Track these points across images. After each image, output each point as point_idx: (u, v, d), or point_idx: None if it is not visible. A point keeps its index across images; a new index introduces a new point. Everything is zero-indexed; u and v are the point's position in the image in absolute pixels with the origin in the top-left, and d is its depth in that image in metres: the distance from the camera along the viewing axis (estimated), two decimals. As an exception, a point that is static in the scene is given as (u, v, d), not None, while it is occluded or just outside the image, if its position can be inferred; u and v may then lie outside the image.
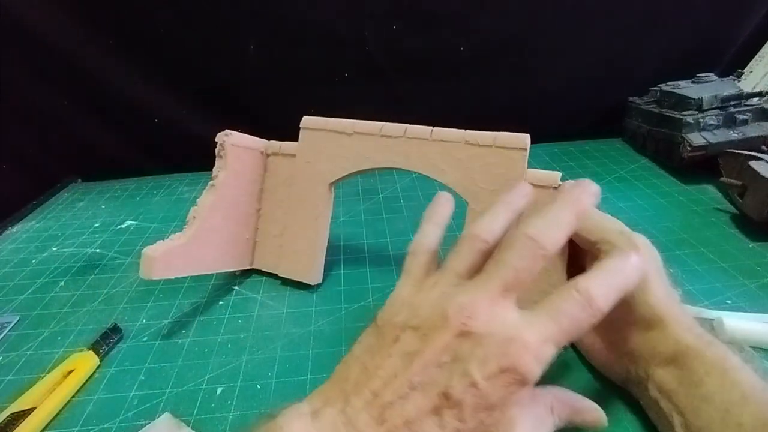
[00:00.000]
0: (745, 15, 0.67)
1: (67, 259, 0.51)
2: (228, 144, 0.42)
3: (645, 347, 0.28)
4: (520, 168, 0.35)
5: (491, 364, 0.21)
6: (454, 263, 0.26)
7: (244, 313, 0.41)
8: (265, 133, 0.45)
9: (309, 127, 0.42)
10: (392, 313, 0.25)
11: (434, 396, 0.21)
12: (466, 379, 0.20)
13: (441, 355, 0.21)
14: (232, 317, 0.40)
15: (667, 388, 0.26)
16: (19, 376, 0.36)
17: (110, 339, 0.38)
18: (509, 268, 0.23)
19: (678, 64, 0.65)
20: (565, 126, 0.70)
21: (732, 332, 0.33)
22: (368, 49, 0.64)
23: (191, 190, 0.65)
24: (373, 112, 0.41)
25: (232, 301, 0.42)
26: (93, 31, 0.60)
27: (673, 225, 0.49)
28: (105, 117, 0.66)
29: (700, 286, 0.40)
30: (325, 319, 0.39)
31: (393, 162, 0.39)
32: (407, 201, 0.57)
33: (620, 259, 0.24)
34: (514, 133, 0.36)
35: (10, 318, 0.42)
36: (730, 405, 0.23)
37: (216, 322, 0.40)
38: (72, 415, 0.32)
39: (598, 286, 0.22)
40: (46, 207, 0.64)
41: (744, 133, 0.54)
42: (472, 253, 0.26)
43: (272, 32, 0.62)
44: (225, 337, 0.38)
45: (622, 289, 0.23)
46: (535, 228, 0.23)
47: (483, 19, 0.63)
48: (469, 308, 0.22)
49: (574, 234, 0.33)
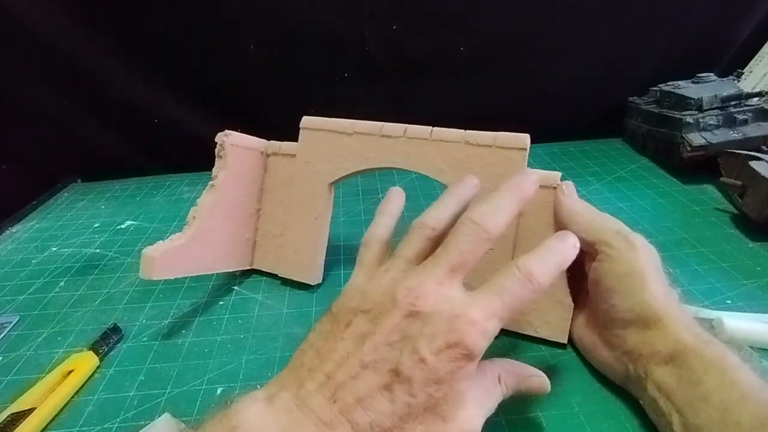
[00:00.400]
0: (745, 15, 0.67)
1: (67, 259, 0.51)
2: (228, 144, 0.42)
3: (644, 346, 0.28)
4: (520, 168, 0.35)
5: (439, 340, 0.22)
6: (404, 251, 0.27)
7: (244, 313, 0.41)
8: (265, 133, 0.45)
9: (309, 127, 0.42)
10: (346, 300, 0.26)
11: (385, 373, 0.22)
12: (416, 356, 0.21)
13: (391, 334, 0.22)
14: (232, 317, 0.40)
15: (665, 387, 0.26)
16: (19, 376, 0.36)
17: (110, 339, 0.38)
18: (455, 250, 0.24)
19: (678, 64, 0.65)
20: (565, 126, 0.70)
21: (732, 332, 0.33)
22: (368, 49, 0.64)
23: (191, 190, 0.65)
24: (373, 112, 0.41)
25: (232, 301, 0.42)
26: (93, 31, 0.60)
27: (672, 225, 0.49)
28: (105, 117, 0.66)
29: (699, 286, 0.40)
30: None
31: (393, 162, 0.39)
32: (408, 201, 0.57)
33: (559, 239, 0.26)
34: (513, 133, 0.36)
35: (10, 318, 0.42)
36: (729, 404, 0.23)
37: (216, 323, 0.40)
38: (72, 415, 0.32)
39: (538, 263, 0.24)
40: (46, 207, 0.64)
41: (744, 133, 0.54)
42: (421, 240, 0.27)
43: (272, 32, 0.62)
44: (225, 338, 0.38)
45: (560, 266, 0.25)
46: (479, 213, 0.25)
47: (483, 19, 0.63)
48: (417, 290, 0.23)
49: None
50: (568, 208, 0.33)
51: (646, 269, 0.29)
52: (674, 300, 0.29)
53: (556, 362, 0.34)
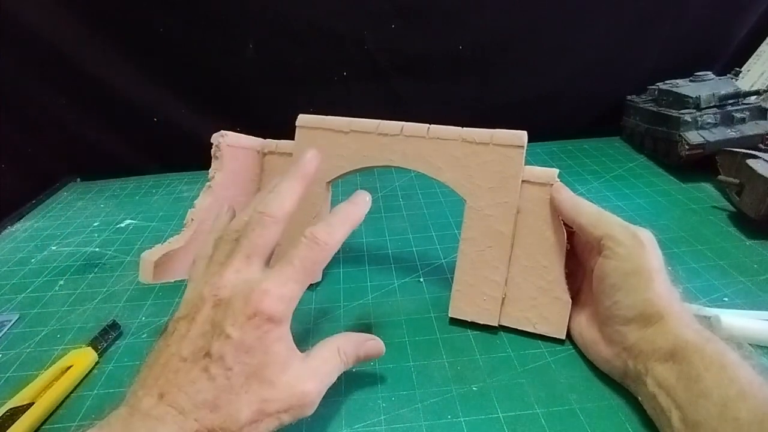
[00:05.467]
0: (743, 13, 0.67)
1: (67, 258, 0.51)
2: (224, 144, 0.42)
3: (645, 342, 0.28)
4: (518, 165, 0.35)
5: (240, 316, 0.24)
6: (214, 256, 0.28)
7: (242, 310, 0.41)
8: (264, 132, 0.45)
9: (305, 125, 0.42)
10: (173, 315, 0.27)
11: (200, 359, 0.24)
12: (222, 336, 0.24)
13: (203, 327, 0.25)
14: (230, 315, 0.40)
15: (665, 383, 0.26)
16: (19, 373, 0.36)
17: (109, 335, 0.38)
18: (245, 240, 0.27)
19: (676, 63, 0.65)
20: (563, 124, 0.70)
21: (729, 330, 0.33)
22: (367, 48, 0.64)
23: (190, 189, 0.65)
24: (372, 111, 0.41)
25: (231, 298, 0.42)
26: (93, 31, 0.60)
27: (670, 223, 0.49)
28: (104, 116, 0.66)
29: (697, 284, 0.40)
30: (324, 317, 0.39)
31: (390, 160, 0.39)
32: (406, 200, 0.58)
33: (349, 202, 0.30)
34: (511, 131, 0.36)
35: (9, 316, 0.42)
36: (728, 400, 0.24)
37: (215, 320, 0.40)
38: (70, 410, 0.32)
39: (322, 226, 0.27)
40: (46, 206, 0.64)
41: (741, 131, 0.54)
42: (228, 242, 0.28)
43: (271, 32, 0.62)
44: (224, 335, 0.38)
45: (349, 224, 0.29)
46: (262, 202, 0.28)
47: (482, 18, 0.63)
48: (218, 282, 0.26)
49: (578, 229, 0.34)
50: (574, 202, 0.34)
51: (652, 267, 0.30)
52: (676, 297, 0.30)
53: (555, 358, 0.34)
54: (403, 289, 0.42)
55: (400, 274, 0.44)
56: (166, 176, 0.69)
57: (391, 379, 0.33)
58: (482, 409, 0.30)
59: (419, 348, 0.36)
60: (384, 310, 0.40)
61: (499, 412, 0.30)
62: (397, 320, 0.38)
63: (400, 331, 0.37)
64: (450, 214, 0.53)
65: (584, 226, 0.33)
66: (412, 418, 0.30)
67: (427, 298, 0.41)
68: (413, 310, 0.39)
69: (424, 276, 0.44)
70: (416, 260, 0.46)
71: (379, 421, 0.30)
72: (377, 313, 0.40)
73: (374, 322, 0.39)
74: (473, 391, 0.32)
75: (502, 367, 0.33)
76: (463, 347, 0.35)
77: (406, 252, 0.47)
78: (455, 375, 0.33)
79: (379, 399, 0.32)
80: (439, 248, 0.47)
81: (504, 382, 0.32)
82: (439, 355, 0.35)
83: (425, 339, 0.36)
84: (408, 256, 0.46)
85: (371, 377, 0.33)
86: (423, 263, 0.45)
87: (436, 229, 0.50)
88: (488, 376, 0.33)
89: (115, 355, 0.37)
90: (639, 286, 0.29)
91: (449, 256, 0.45)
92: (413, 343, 0.36)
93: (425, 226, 0.51)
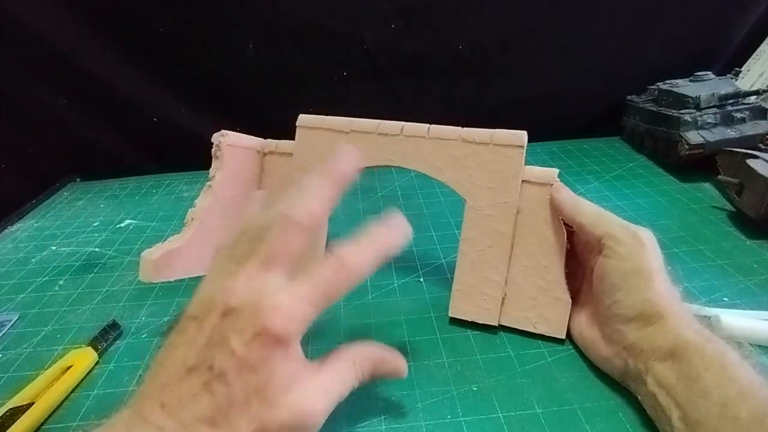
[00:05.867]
0: (743, 13, 0.67)
1: (67, 258, 0.51)
2: (224, 144, 0.42)
3: (645, 342, 0.28)
4: (518, 165, 0.36)
5: (247, 332, 0.22)
6: (234, 251, 0.26)
7: (242, 310, 0.41)
8: (264, 132, 0.45)
9: (305, 125, 0.42)
10: (185, 310, 0.26)
11: (204, 372, 0.23)
12: (227, 350, 0.22)
13: (210, 336, 0.23)
14: (230, 315, 0.40)
15: (665, 383, 0.26)
16: (19, 373, 0.36)
17: (109, 335, 0.38)
18: (264, 245, 0.24)
19: (676, 63, 0.65)
20: (563, 124, 0.70)
21: (729, 329, 0.33)
22: (367, 48, 0.64)
23: (190, 188, 0.65)
24: (372, 111, 0.41)
25: (231, 298, 0.42)
26: (93, 31, 0.60)
27: (670, 223, 0.49)
28: (104, 116, 0.66)
29: (697, 283, 0.40)
30: (324, 317, 0.39)
31: (390, 160, 0.39)
32: (406, 199, 0.58)
33: (386, 226, 0.27)
34: (511, 131, 0.36)
35: (9, 316, 0.42)
36: (728, 400, 0.24)
37: (215, 320, 0.40)
38: (70, 410, 0.32)
39: (354, 251, 0.25)
40: (46, 206, 0.64)
41: (741, 131, 0.54)
42: (245, 240, 0.27)
43: (271, 31, 0.62)
44: (224, 335, 0.38)
45: (381, 253, 0.26)
46: (287, 203, 0.25)
47: (482, 18, 0.63)
48: (230, 288, 0.24)
49: (578, 228, 0.34)
50: (574, 202, 0.34)
51: (652, 267, 0.30)
52: (676, 297, 0.30)
53: (555, 358, 0.34)
54: (403, 289, 0.42)
55: (400, 274, 0.44)
56: (166, 176, 0.69)
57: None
58: (482, 409, 0.30)
59: (419, 348, 0.36)
60: (384, 310, 0.40)
61: (499, 411, 0.30)
62: (397, 320, 0.38)
63: (400, 331, 0.37)
64: (450, 214, 0.53)
65: (584, 226, 0.33)
66: (412, 418, 0.30)
67: (427, 298, 0.41)
68: (413, 310, 0.39)
69: (424, 276, 0.44)
70: (416, 260, 0.46)
71: (379, 421, 0.30)
72: (377, 313, 0.40)
73: (374, 322, 0.39)
74: (473, 391, 0.32)
75: (502, 366, 0.33)
76: (463, 347, 0.35)
77: (406, 252, 0.47)
78: (455, 375, 0.33)
79: (379, 399, 0.32)
80: (439, 248, 0.47)
81: (504, 381, 0.32)
82: (439, 355, 0.35)
83: (425, 339, 0.36)
84: (408, 256, 0.46)
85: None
86: (423, 263, 0.45)
87: (436, 229, 0.50)
88: (488, 376, 0.33)
89: (115, 355, 0.37)
90: (639, 285, 0.29)
91: (449, 256, 0.45)
92: (413, 343, 0.36)
93: (425, 226, 0.51)
